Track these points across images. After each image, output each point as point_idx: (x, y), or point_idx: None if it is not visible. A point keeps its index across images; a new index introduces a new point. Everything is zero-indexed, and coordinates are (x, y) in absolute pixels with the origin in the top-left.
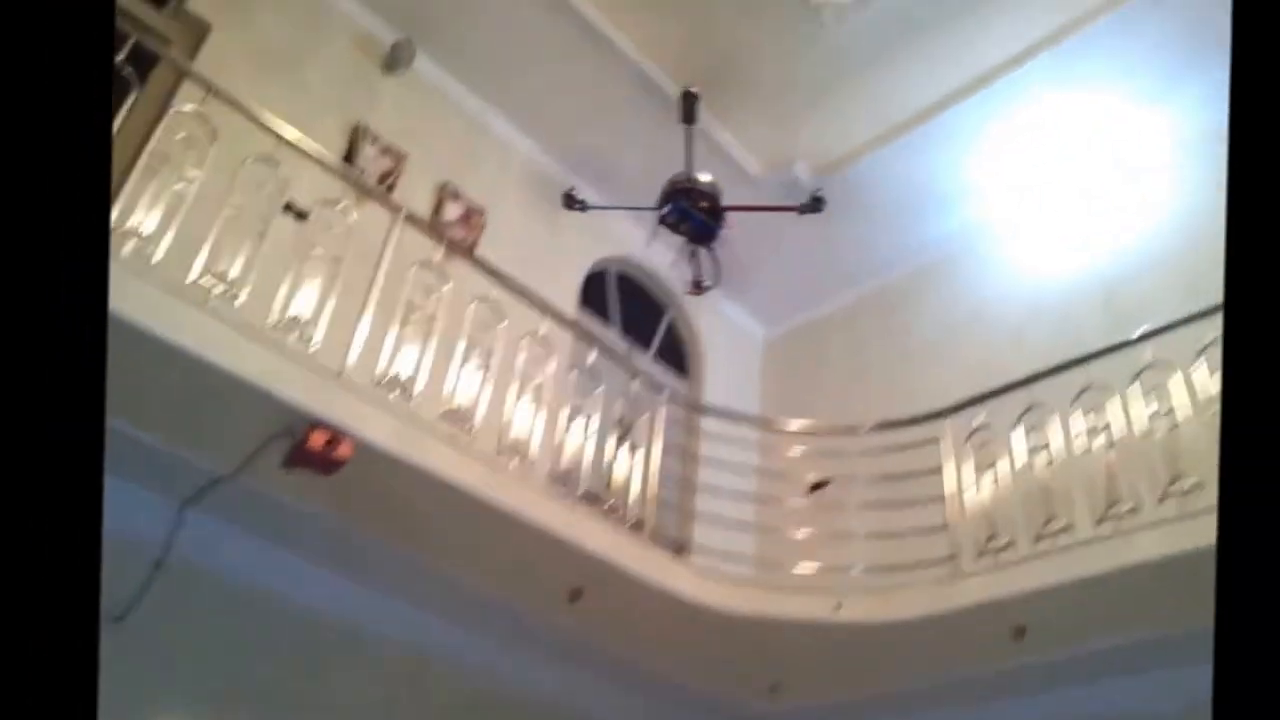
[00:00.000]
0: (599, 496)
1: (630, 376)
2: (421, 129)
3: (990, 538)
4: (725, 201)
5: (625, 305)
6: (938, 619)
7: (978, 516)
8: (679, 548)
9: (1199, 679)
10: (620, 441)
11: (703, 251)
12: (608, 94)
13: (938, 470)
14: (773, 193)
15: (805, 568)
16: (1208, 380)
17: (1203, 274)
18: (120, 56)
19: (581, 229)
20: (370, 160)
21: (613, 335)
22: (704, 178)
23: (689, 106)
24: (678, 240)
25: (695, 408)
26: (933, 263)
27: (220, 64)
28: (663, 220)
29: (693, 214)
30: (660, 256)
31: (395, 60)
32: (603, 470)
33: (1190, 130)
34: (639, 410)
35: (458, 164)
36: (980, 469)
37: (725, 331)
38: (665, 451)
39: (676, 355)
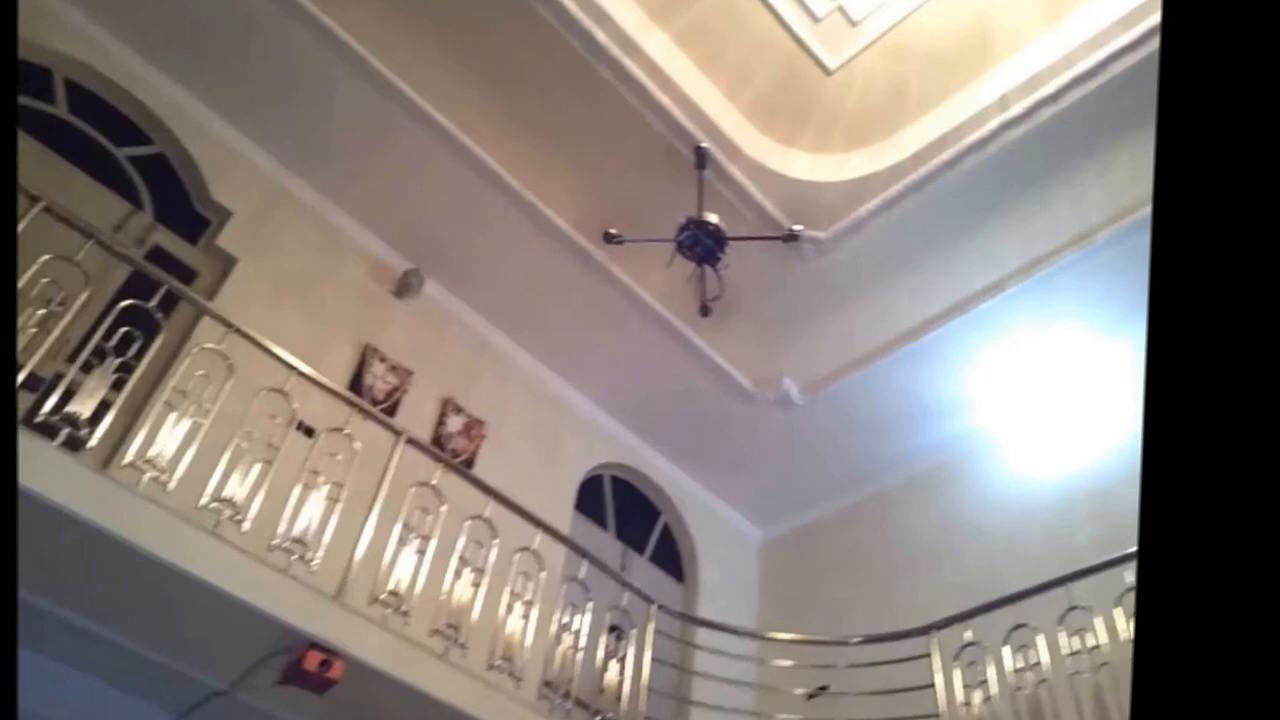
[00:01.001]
0: (590, 706)
1: (621, 587)
2: (427, 347)
3: None
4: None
5: (622, 508)
6: None
7: None
8: None
9: None
10: (610, 654)
11: (709, 273)
12: (606, 320)
13: (928, 685)
14: (766, 406)
15: None
16: None
17: None
18: (152, 303)
19: (579, 435)
20: (379, 377)
21: (608, 538)
22: (711, 218)
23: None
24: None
25: (685, 618)
26: (924, 472)
27: (244, 288)
28: (679, 243)
29: (702, 239)
30: (655, 460)
31: (406, 287)
32: (594, 681)
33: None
34: (631, 620)
35: (461, 379)
36: (970, 685)
37: (721, 534)
38: (658, 659)
39: (673, 557)
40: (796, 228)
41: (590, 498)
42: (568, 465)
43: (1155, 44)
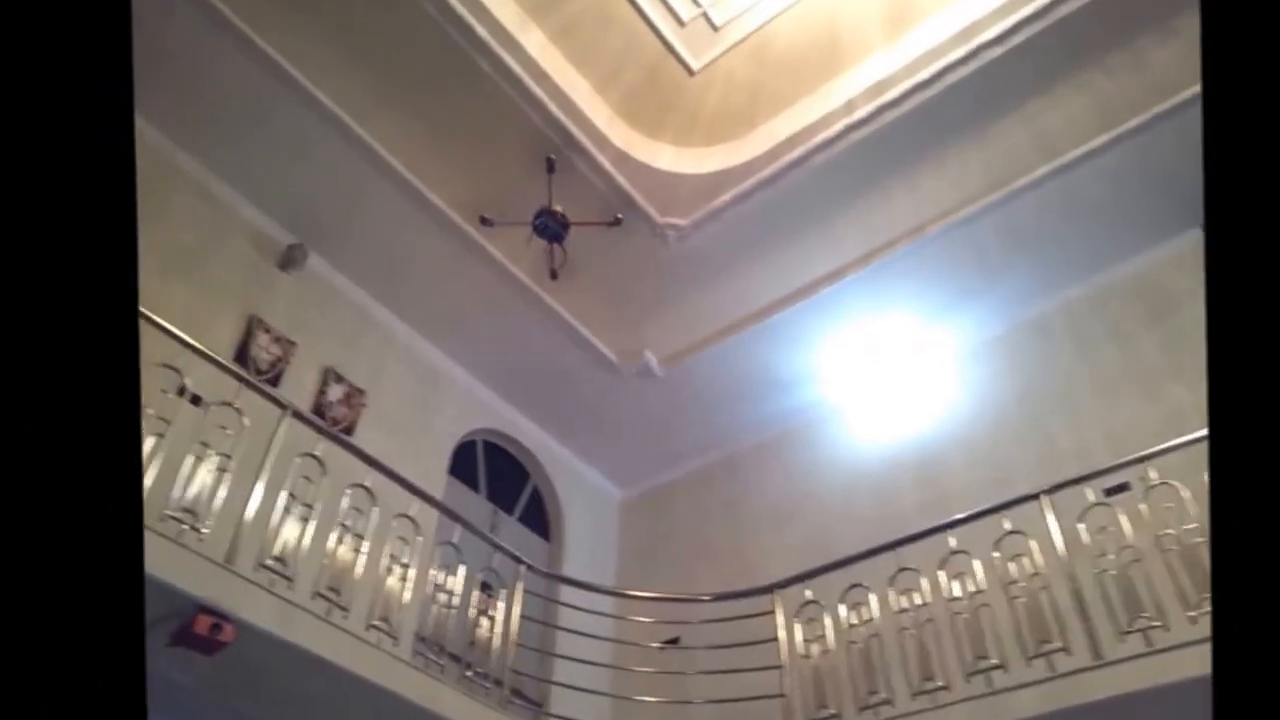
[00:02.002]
0: (461, 660)
1: (492, 548)
2: (311, 319)
3: (820, 706)
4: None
5: (493, 472)
6: None
7: (809, 685)
8: (538, 710)
9: None
10: (482, 611)
11: (556, 248)
12: (480, 292)
13: (772, 639)
14: (630, 377)
15: None
16: (1005, 566)
17: (994, 461)
18: None
19: (453, 402)
20: (263, 348)
21: (480, 500)
22: (556, 207)
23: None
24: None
25: (551, 576)
26: (770, 439)
27: None
28: (534, 226)
29: (550, 224)
30: (525, 425)
31: (290, 260)
32: (466, 637)
33: (971, 340)
34: (501, 578)
35: (342, 349)
36: (810, 639)
37: (584, 493)
38: (526, 616)
39: (541, 517)
40: (620, 216)
41: (464, 462)
42: (443, 431)
43: (987, 57)
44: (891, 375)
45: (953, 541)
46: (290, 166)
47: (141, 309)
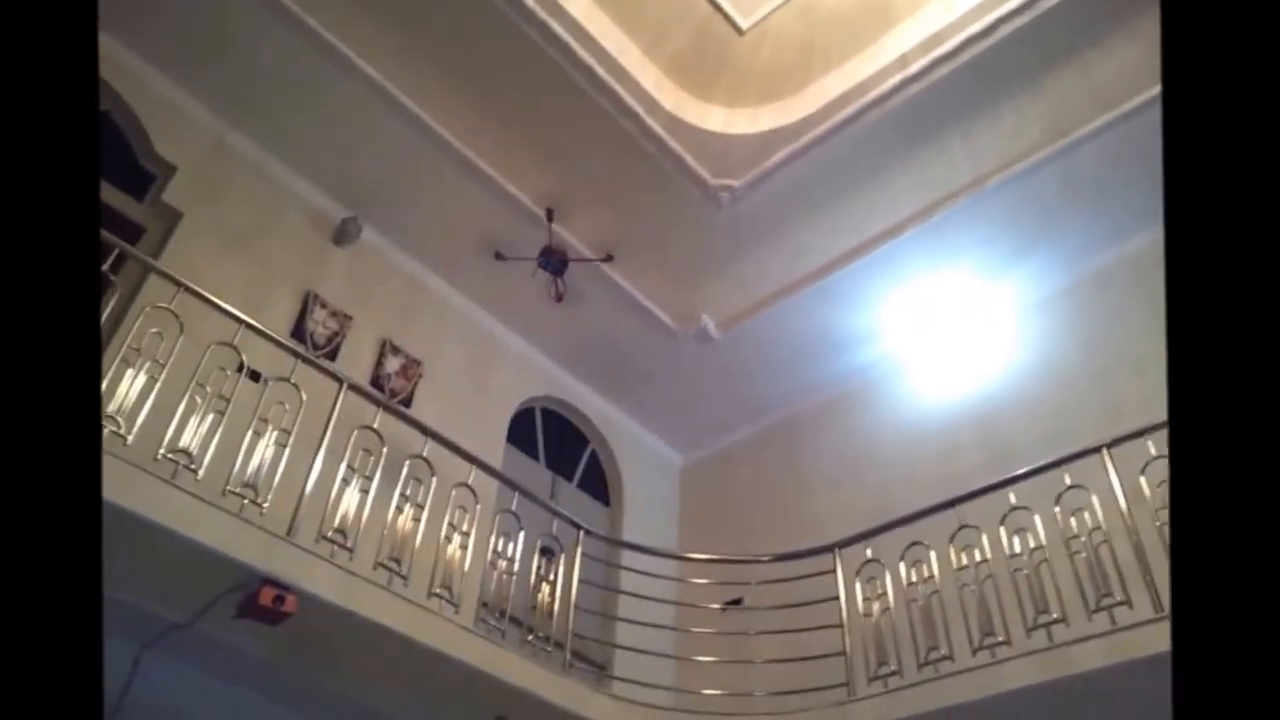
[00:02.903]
0: (523, 624)
1: (551, 515)
2: (366, 292)
3: (881, 664)
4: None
5: (551, 439)
6: None
7: (869, 643)
8: (600, 672)
9: None
10: (542, 576)
11: (558, 281)
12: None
13: (833, 598)
14: (687, 341)
15: (713, 693)
16: (1066, 521)
17: (1056, 416)
18: (105, 265)
19: (510, 371)
20: (319, 323)
21: (539, 468)
22: (557, 246)
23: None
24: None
25: (610, 541)
26: (828, 400)
27: (190, 242)
28: (539, 263)
29: (552, 261)
30: (583, 392)
31: (344, 234)
32: (527, 602)
33: (1031, 295)
34: (560, 544)
35: (398, 321)
36: (870, 598)
37: (643, 459)
38: (586, 580)
39: (600, 483)
40: (611, 256)
41: (522, 429)
42: (500, 400)
43: (1042, 6)
44: (951, 332)
45: (1013, 498)
46: (341, 141)
47: (201, 290)
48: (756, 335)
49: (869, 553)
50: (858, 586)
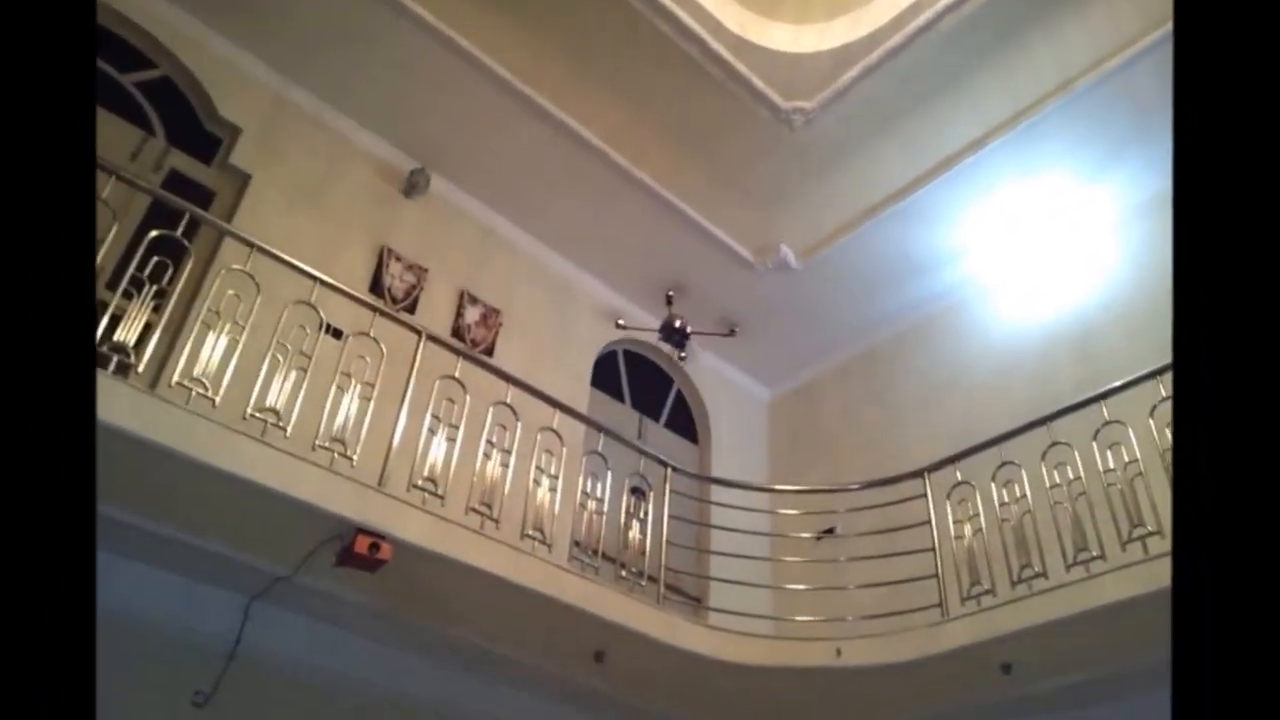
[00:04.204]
0: (616, 560)
1: (639, 454)
2: (440, 243)
3: (974, 584)
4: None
5: (636, 380)
6: (929, 660)
7: (961, 565)
8: (696, 604)
9: (1153, 708)
10: (632, 514)
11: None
12: (606, 200)
13: (924, 523)
14: (766, 273)
15: (807, 618)
16: (1161, 434)
17: (1156, 329)
18: (179, 231)
19: (591, 315)
20: (396, 277)
21: (625, 409)
22: (677, 324)
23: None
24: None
25: (697, 477)
26: (914, 325)
27: (261, 202)
28: (662, 336)
29: (674, 335)
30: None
31: (413, 186)
32: (619, 540)
33: (1130, 200)
34: (649, 482)
35: (474, 270)
36: (961, 520)
37: (729, 394)
38: (677, 516)
39: (687, 421)
40: (734, 330)
41: (607, 373)
42: (582, 343)
43: None
44: (1041, 247)
45: (1106, 412)
46: (403, 90)
47: (274, 250)
48: (836, 263)
49: (959, 475)
50: (949, 509)
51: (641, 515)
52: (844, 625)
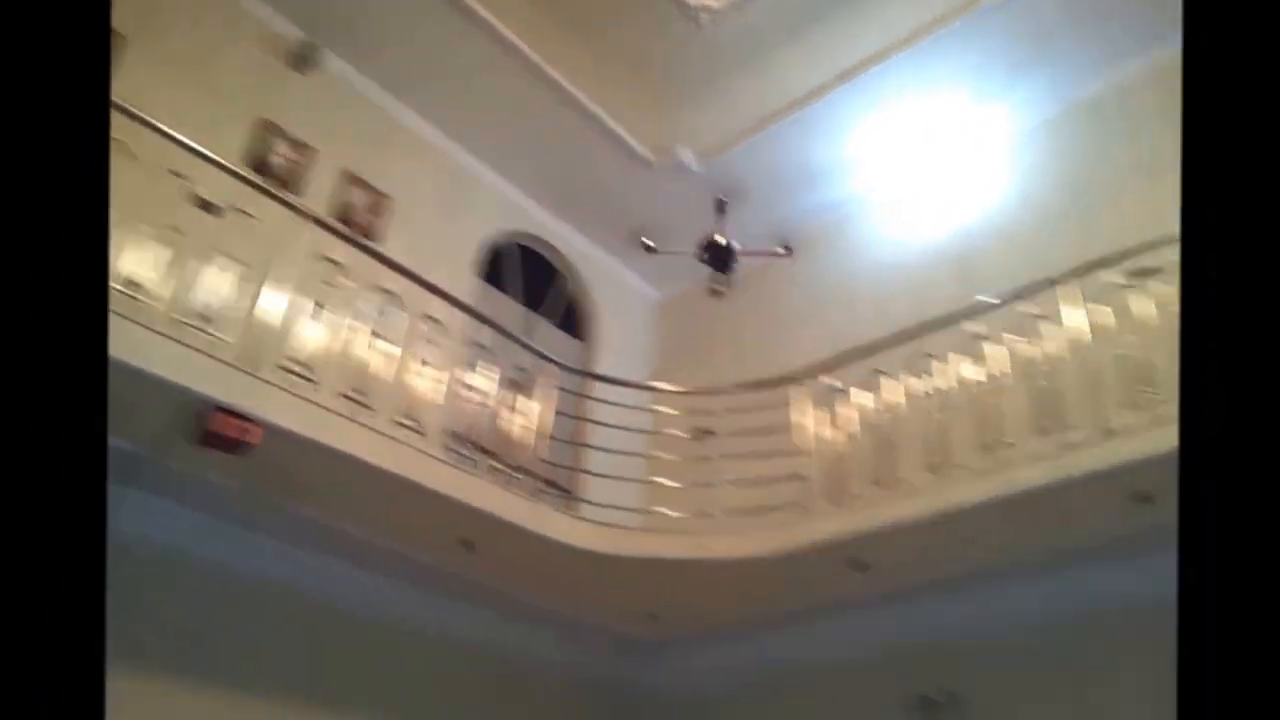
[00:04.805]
0: (493, 454)
1: (523, 348)
2: (331, 123)
3: (839, 487)
4: None
5: (527, 276)
6: (788, 555)
7: (829, 467)
8: (569, 497)
9: (1006, 600)
10: (512, 407)
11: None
12: (508, 89)
13: (795, 427)
14: (665, 173)
15: (675, 513)
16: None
17: (1034, 251)
18: None
19: (483, 206)
20: (280, 155)
21: (514, 304)
22: (720, 240)
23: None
24: None
25: (580, 373)
26: (806, 237)
27: (134, 72)
28: (701, 256)
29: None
30: (558, 227)
31: (303, 59)
32: (496, 434)
33: (1025, 123)
34: (533, 377)
35: (364, 153)
36: (831, 426)
37: (619, 295)
38: (560, 412)
39: (576, 318)
40: (789, 248)
41: (498, 267)
42: (471, 234)
43: None
44: (935, 164)
45: (973, 327)
46: None
47: (147, 116)
48: (734, 169)
49: (832, 382)
50: (820, 415)
51: (521, 409)
52: (711, 521)
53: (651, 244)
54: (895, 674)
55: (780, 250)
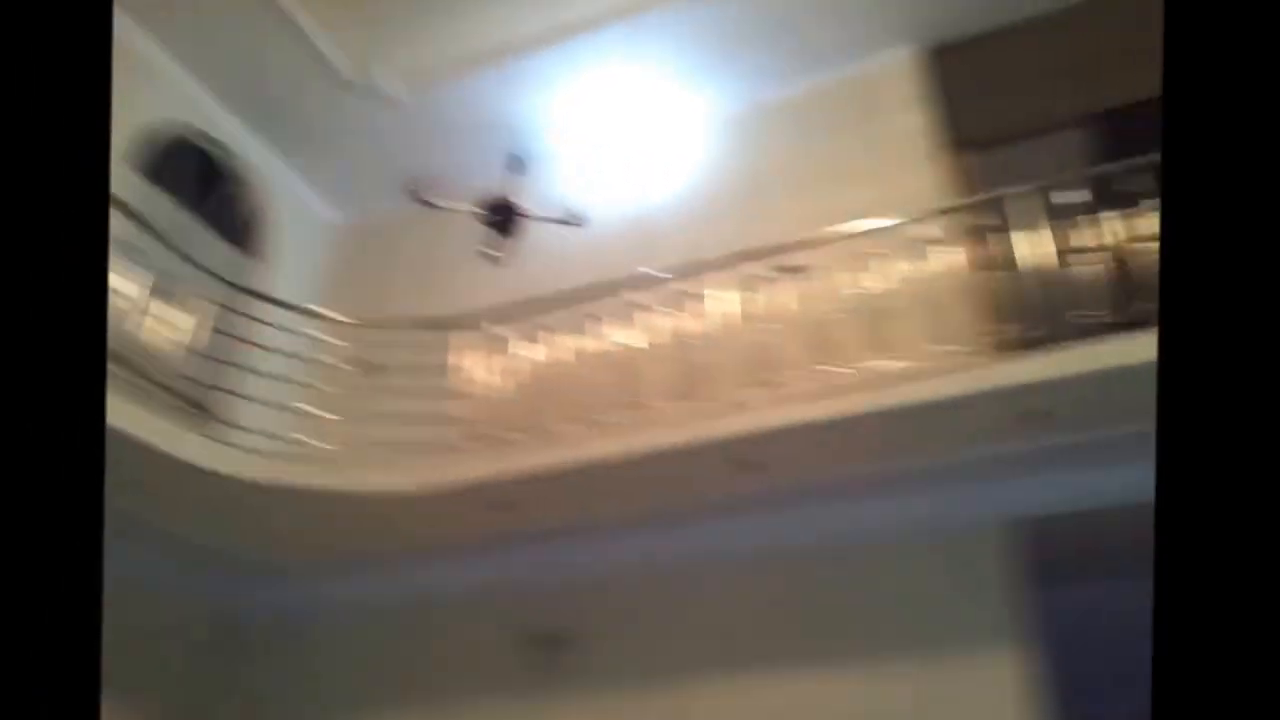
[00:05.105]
0: (130, 362)
1: (181, 257)
2: None
3: (492, 432)
4: None
5: (195, 176)
6: (433, 491)
7: (485, 409)
8: (208, 416)
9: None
10: (157, 317)
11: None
12: None
13: (458, 368)
14: (360, 93)
15: (328, 446)
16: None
17: (709, 232)
18: None
19: (147, 87)
20: None
21: (176, 208)
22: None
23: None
24: None
25: (236, 287)
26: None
27: None
28: (485, 218)
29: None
30: (237, 130)
31: None
32: (137, 345)
33: (717, 115)
34: (187, 287)
35: None
36: (493, 372)
37: (294, 210)
38: (215, 329)
39: (246, 231)
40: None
41: (160, 162)
42: (131, 121)
43: None
44: (627, 140)
45: (628, 297)
46: None
47: None
48: (435, 103)
49: (496, 330)
50: (483, 359)
51: (169, 320)
52: (365, 453)
53: (428, 199)
54: (517, 611)
55: (572, 219)
